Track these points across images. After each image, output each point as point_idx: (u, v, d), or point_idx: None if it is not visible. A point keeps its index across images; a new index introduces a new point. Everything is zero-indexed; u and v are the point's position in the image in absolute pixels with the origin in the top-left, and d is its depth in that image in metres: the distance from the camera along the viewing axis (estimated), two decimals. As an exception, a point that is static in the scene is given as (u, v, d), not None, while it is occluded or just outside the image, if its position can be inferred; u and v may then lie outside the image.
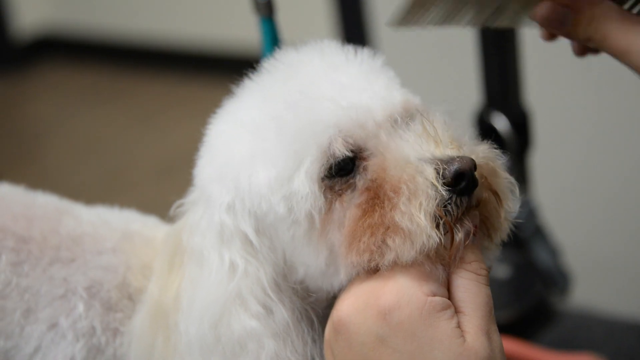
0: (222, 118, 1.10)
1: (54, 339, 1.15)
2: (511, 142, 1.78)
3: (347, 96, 1.02)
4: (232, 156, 1.05)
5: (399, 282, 0.96)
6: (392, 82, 1.06)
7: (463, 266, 0.98)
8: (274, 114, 1.03)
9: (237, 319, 1.04)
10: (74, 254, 1.18)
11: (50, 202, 1.24)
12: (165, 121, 4.96)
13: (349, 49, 1.09)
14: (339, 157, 1.00)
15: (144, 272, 1.17)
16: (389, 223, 0.96)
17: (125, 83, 5.55)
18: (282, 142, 1.01)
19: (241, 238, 1.05)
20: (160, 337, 1.09)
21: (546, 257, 1.86)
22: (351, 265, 0.99)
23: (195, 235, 1.08)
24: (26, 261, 1.17)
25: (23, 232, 1.18)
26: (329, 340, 0.99)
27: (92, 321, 1.15)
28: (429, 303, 0.94)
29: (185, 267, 1.09)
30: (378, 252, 0.97)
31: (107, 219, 1.23)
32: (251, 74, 1.10)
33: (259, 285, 1.05)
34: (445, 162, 0.96)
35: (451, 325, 0.94)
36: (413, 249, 0.95)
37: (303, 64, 1.07)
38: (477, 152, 1.01)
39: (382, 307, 0.95)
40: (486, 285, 0.98)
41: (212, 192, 1.07)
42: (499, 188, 1.02)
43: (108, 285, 1.16)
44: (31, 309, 1.15)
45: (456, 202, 0.96)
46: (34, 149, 4.86)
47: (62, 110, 5.31)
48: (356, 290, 0.98)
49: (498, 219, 1.02)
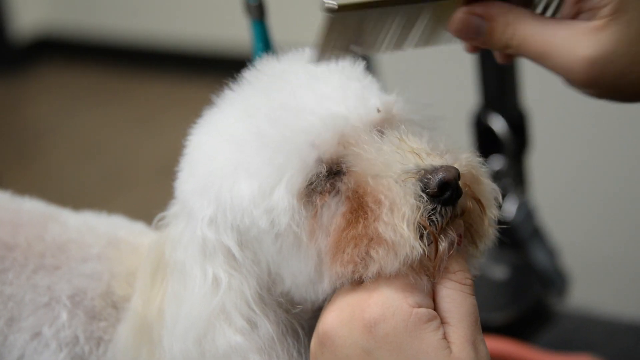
0: (203, 129, 1.09)
1: (37, 348, 1.14)
2: (509, 143, 1.78)
3: (327, 107, 1.01)
4: (213, 170, 1.04)
5: (384, 294, 0.95)
6: (373, 89, 1.06)
7: (448, 276, 0.98)
8: (254, 128, 1.02)
9: (222, 335, 1.03)
10: (58, 261, 1.17)
11: (36, 208, 1.24)
12: (164, 122, 4.96)
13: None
14: (320, 170, 1.00)
15: (128, 280, 1.16)
16: (373, 234, 0.96)
17: (124, 84, 5.55)
18: (262, 156, 1.01)
19: (224, 252, 1.05)
20: (145, 352, 1.08)
21: (544, 258, 1.86)
22: (335, 276, 0.98)
23: (177, 249, 1.07)
24: (11, 269, 1.16)
25: (8, 239, 1.18)
26: (315, 353, 0.99)
27: (76, 330, 1.14)
28: (414, 315, 0.94)
29: (168, 281, 1.08)
30: (362, 264, 0.96)
31: (93, 225, 1.23)
32: (231, 84, 1.09)
33: (243, 299, 1.04)
34: (429, 171, 0.96)
35: (437, 337, 0.94)
36: (397, 260, 0.95)
37: (284, 74, 1.06)
38: (460, 160, 1.00)
39: (367, 320, 0.94)
40: (471, 295, 0.98)
41: (193, 205, 1.06)
42: (483, 195, 1.01)
43: (92, 293, 1.16)
44: (15, 317, 1.15)
45: (441, 212, 0.96)
46: (33, 150, 4.86)
47: (61, 111, 5.30)
48: (341, 303, 0.98)
49: (482, 226, 1.02)
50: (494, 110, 1.79)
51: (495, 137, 1.78)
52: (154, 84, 5.48)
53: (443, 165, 0.96)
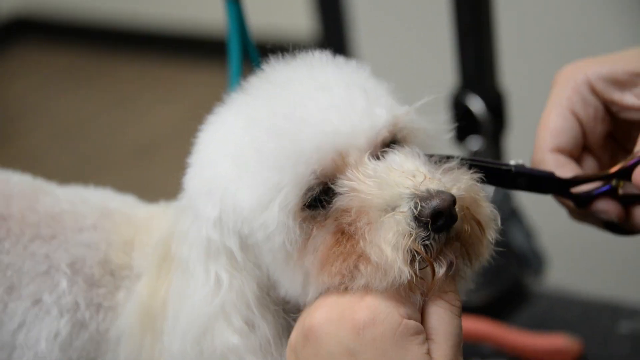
0: (211, 130, 1.10)
1: (38, 315, 1.16)
2: (486, 124, 1.79)
3: (330, 121, 1.01)
4: (217, 175, 1.06)
5: (377, 299, 0.97)
6: (380, 99, 1.06)
7: (440, 295, 0.99)
8: (255, 142, 1.03)
9: (220, 335, 1.06)
10: (54, 231, 1.19)
11: (25, 181, 1.25)
12: (142, 103, 4.94)
13: (338, 61, 1.08)
14: (316, 189, 1.01)
15: (125, 249, 1.19)
16: (360, 252, 0.98)
17: (102, 65, 5.52)
18: (261, 171, 1.02)
19: (227, 253, 1.07)
20: (148, 339, 1.11)
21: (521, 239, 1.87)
22: (322, 284, 1.00)
23: (183, 245, 1.09)
24: (6, 238, 1.17)
25: (1, 209, 1.19)
26: (295, 345, 1.00)
27: (76, 297, 1.16)
28: (403, 325, 0.96)
29: (172, 275, 1.10)
30: (349, 276, 0.98)
31: (84, 197, 1.24)
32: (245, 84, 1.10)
33: (243, 301, 1.06)
34: (424, 199, 0.96)
35: (422, 351, 0.96)
36: (385, 281, 0.96)
37: (289, 83, 1.06)
38: (459, 183, 1.01)
39: (357, 321, 0.96)
40: (459, 317, 1.00)
41: (199, 204, 1.07)
42: (482, 218, 1.02)
43: (90, 261, 1.18)
44: (14, 285, 1.16)
45: (434, 238, 0.97)
46: (9, 131, 4.83)
47: (39, 92, 5.27)
48: (331, 301, 0.99)
49: (480, 247, 1.03)
50: (472, 91, 1.79)
51: (474, 118, 1.78)
52: (132, 65, 5.46)
53: (438, 192, 0.97)
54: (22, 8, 5.94)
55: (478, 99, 1.78)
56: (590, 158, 1.19)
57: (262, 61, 1.12)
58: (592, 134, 1.17)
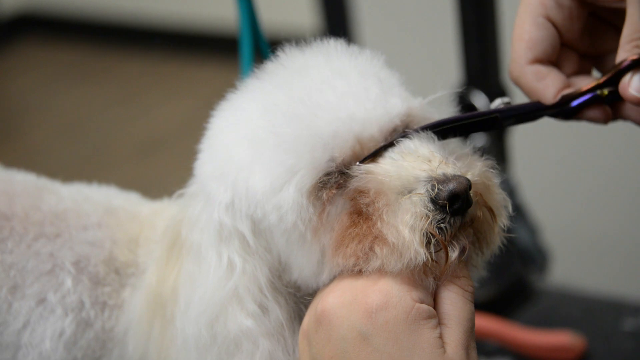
0: (224, 116, 1.10)
1: (42, 314, 1.16)
2: (491, 121, 1.79)
3: (346, 107, 1.02)
4: (231, 159, 1.06)
5: (389, 283, 0.97)
6: (394, 88, 1.06)
7: (452, 280, 0.99)
8: (271, 126, 1.03)
9: (234, 318, 1.06)
10: (58, 229, 1.19)
11: (28, 179, 1.25)
12: (147, 100, 4.94)
13: (352, 50, 1.09)
14: (331, 170, 1.01)
15: (129, 247, 1.19)
16: (377, 234, 0.98)
17: (106, 61, 5.51)
18: (277, 154, 1.02)
19: (239, 237, 1.07)
20: (157, 327, 1.11)
21: (525, 235, 1.87)
22: (336, 266, 1.00)
23: (194, 230, 1.09)
24: (9, 237, 1.17)
25: (4, 208, 1.18)
26: (308, 330, 1.01)
27: (81, 295, 1.16)
28: (416, 309, 0.96)
29: (183, 260, 1.10)
30: (364, 258, 0.98)
31: (88, 194, 1.24)
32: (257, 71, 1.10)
33: (256, 284, 1.06)
34: (441, 182, 0.96)
35: (434, 335, 0.96)
36: (400, 262, 0.96)
37: (305, 68, 1.07)
38: (473, 169, 1.01)
39: (369, 305, 0.96)
40: (471, 302, 1.00)
41: (211, 189, 1.07)
42: (494, 205, 1.03)
43: (95, 259, 1.17)
44: (18, 285, 1.16)
45: (450, 221, 0.97)
46: (13, 128, 4.83)
47: (42, 88, 5.27)
48: (344, 285, 1.00)
49: (492, 234, 1.04)
50: (476, 87, 1.79)
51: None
52: (136, 61, 5.45)
53: (455, 175, 0.97)
54: (26, 5, 5.94)
55: (482, 95, 1.78)
56: (569, 52, 1.16)
57: (273, 54, 1.12)
58: (569, 32, 1.14)
